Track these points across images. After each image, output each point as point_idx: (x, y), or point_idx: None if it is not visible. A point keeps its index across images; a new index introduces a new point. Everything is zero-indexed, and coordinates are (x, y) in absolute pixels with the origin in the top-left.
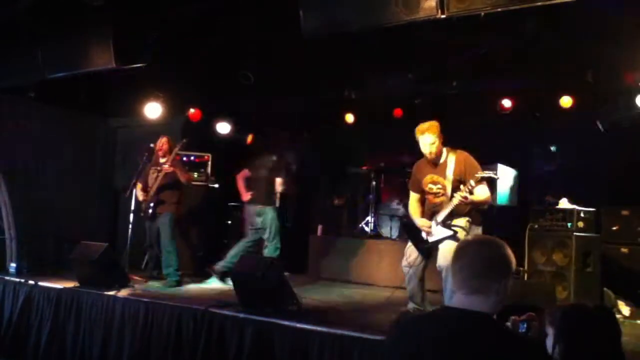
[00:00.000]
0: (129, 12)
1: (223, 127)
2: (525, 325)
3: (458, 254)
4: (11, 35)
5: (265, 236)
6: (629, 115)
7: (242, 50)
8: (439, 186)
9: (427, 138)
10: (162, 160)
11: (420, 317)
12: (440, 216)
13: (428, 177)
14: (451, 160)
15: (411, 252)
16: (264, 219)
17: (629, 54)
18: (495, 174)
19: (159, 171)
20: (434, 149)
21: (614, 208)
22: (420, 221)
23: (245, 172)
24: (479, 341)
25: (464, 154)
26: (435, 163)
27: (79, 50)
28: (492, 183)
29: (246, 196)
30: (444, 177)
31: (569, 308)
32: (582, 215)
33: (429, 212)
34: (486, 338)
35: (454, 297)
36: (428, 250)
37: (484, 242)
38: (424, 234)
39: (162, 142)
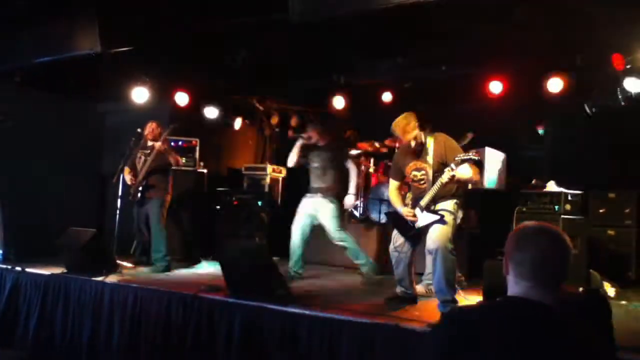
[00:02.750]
0: None
1: (211, 112)
2: None
3: (532, 242)
4: None
5: None
6: (616, 98)
7: (229, 34)
8: (423, 172)
9: (410, 135)
10: (150, 144)
11: (480, 307)
12: (424, 201)
13: (412, 164)
14: (430, 144)
15: (398, 237)
16: None
17: (618, 37)
18: (475, 155)
19: (147, 155)
20: (416, 140)
21: (601, 191)
22: (403, 210)
23: None
24: (551, 334)
25: (443, 136)
26: (417, 150)
27: (65, 34)
28: (480, 165)
29: None
30: (426, 162)
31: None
32: (569, 198)
33: (416, 200)
34: (559, 331)
35: (517, 287)
36: (415, 237)
37: (559, 235)
38: (409, 221)
39: (151, 127)
